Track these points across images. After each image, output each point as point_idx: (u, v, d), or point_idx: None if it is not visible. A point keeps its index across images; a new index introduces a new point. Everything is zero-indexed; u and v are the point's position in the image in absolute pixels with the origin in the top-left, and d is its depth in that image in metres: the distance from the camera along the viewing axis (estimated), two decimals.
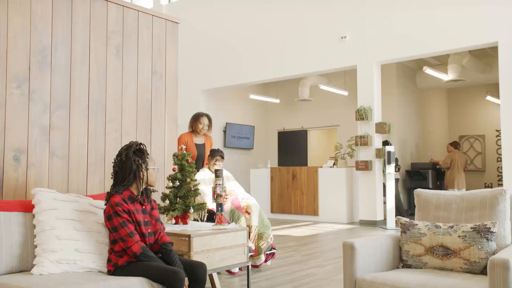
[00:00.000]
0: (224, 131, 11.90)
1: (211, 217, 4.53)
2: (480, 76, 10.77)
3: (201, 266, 2.58)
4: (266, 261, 4.71)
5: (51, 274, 2.43)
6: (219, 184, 3.41)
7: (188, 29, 10.56)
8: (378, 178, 8.60)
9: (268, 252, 4.73)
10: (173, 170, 3.44)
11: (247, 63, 10.31)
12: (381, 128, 8.60)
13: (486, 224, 2.60)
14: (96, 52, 3.42)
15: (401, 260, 2.82)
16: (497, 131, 12.15)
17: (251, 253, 4.47)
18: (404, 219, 2.87)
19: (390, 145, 8.67)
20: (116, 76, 3.55)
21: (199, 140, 5.31)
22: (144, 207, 2.69)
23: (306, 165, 12.47)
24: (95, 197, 2.95)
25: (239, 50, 10.49)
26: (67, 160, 3.20)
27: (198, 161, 5.16)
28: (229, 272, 4.37)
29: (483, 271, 2.54)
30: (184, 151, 3.47)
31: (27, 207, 2.62)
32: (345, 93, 11.35)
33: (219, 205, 3.41)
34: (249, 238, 4.49)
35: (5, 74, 2.92)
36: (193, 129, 5.28)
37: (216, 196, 3.41)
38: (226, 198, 4.55)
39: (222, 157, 4.88)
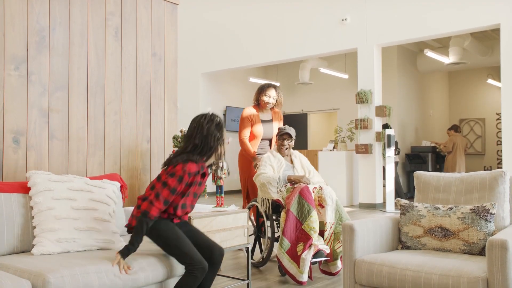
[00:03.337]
0: (224, 115, 11.88)
1: (277, 209, 3.94)
2: (481, 59, 10.71)
3: (218, 250, 2.61)
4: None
5: (52, 253, 2.45)
6: (220, 166, 3.42)
7: (187, 12, 10.45)
8: (378, 161, 8.61)
9: None
10: (173, 152, 3.44)
11: (247, 46, 10.24)
12: (381, 111, 8.58)
13: (485, 206, 2.61)
14: (94, 33, 3.39)
15: (400, 241, 2.83)
16: (498, 114, 12.12)
17: (326, 258, 3.64)
18: (404, 201, 2.87)
19: (390, 128, 8.66)
20: (115, 58, 3.52)
21: (265, 116, 4.61)
22: (202, 179, 2.67)
23: (306, 148, 12.48)
24: (95, 179, 2.95)
25: (239, 33, 10.41)
26: (66, 142, 3.20)
27: (264, 140, 4.60)
28: (296, 281, 3.54)
29: (481, 252, 2.56)
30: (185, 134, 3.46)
31: (27, 189, 2.63)
32: (346, 76, 11.30)
33: (219, 188, 3.42)
34: (323, 238, 3.65)
35: (2, 55, 2.90)
36: (258, 102, 4.59)
37: (216, 179, 3.42)
38: (294, 187, 3.76)
39: (291, 136, 4.09)
